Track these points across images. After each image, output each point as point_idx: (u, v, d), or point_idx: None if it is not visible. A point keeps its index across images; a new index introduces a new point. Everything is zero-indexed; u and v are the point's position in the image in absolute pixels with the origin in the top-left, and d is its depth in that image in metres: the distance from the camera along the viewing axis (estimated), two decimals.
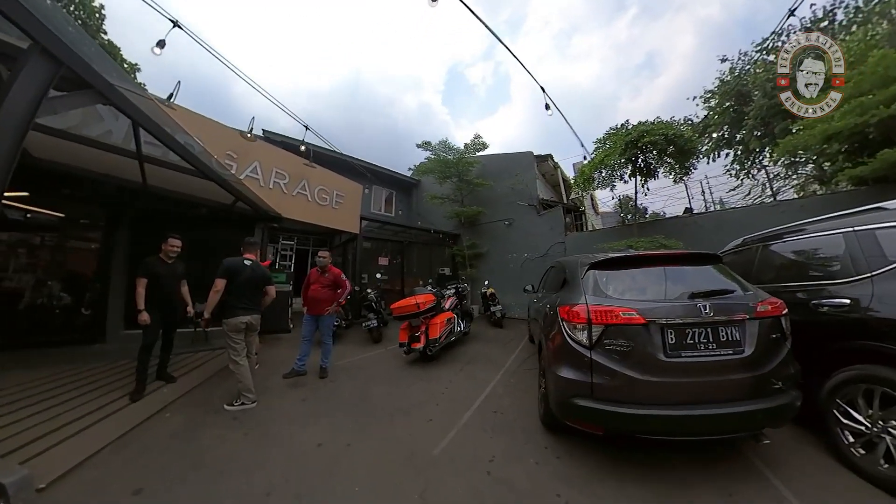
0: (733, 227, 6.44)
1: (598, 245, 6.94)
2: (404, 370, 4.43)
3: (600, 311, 2.16)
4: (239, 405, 3.07)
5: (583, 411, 2.07)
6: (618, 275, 2.46)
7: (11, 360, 3.86)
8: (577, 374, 2.14)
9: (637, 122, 6.71)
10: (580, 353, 2.15)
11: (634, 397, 2.00)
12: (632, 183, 7.33)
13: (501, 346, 5.86)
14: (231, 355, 3.12)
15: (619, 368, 2.03)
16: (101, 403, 2.99)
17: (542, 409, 2.70)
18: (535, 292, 5.37)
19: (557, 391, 2.27)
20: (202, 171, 3.89)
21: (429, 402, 3.30)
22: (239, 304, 3.17)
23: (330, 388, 3.75)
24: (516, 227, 9.20)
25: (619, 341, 2.06)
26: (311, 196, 6.66)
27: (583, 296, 2.32)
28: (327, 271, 4.18)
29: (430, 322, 4.75)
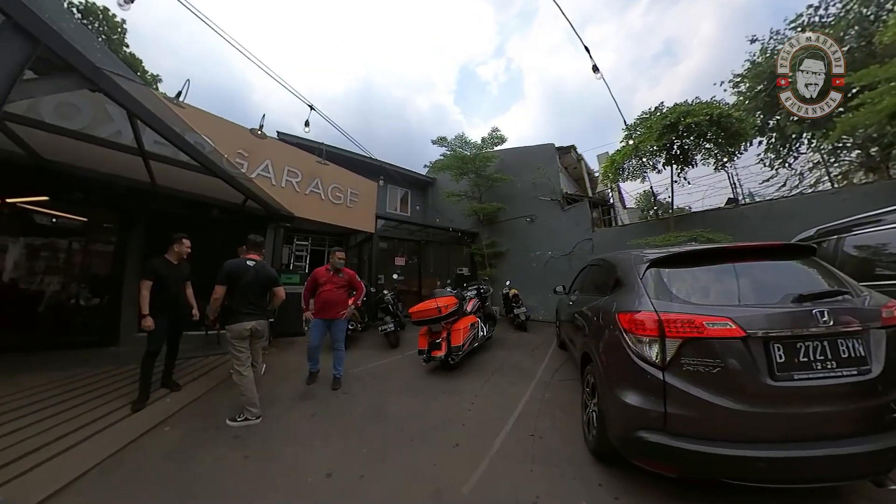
0: (785, 217, 5.73)
1: (631, 241, 6.34)
2: (424, 381, 4.02)
3: (677, 320, 1.68)
4: (242, 420, 2.76)
5: (653, 449, 1.63)
6: (690, 273, 1.99)
7: (26, 362, 3.79)
8: (644, 401, 1.70)
9: (673, 104, 6.05)
10: (649, 373, 1.70)
11: (726, 433, 1.55)
12: (658, 175, 6.71)
13: (528, 352, 5.34)
14: (234, 364, 2.82)
15: (705, 395, 1.57)
16: (101, 413, 2.77)
17: (594, 437, 2.19)
18: (568, 293, 4.86)
19: (619, 421, 1.84)
20: (207, 166, 3.65)
21: (453, 422, 2.86)
22: (243, 308, 2.86)
23: (343, 401, 3.38)
24: (538, 223, 8.64)
25: (704, 360, 1.60)
26: (324, 194, 6.40)
27: (647, 300, 1.87)
28: (341, 271, 3.85)
29: (453, 328, 4.32)
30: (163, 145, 4.08)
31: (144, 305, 2.95)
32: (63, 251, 5.04)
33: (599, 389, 2.12)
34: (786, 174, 10.10)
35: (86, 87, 2.34)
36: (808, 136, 8.87)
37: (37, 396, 2.95)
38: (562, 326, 5.03)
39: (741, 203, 7.32)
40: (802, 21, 9.24)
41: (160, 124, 2.88)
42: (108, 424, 2.62)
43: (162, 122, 2.93)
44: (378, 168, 9.16)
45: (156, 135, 3.97)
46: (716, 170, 7.09)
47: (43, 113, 3.59)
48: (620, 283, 2.35)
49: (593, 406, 2.27)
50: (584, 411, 2.53)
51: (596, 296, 2.96)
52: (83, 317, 4.88)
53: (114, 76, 2.50)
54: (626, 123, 5.86)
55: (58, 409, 2.78)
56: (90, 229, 5.20)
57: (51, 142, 3.80)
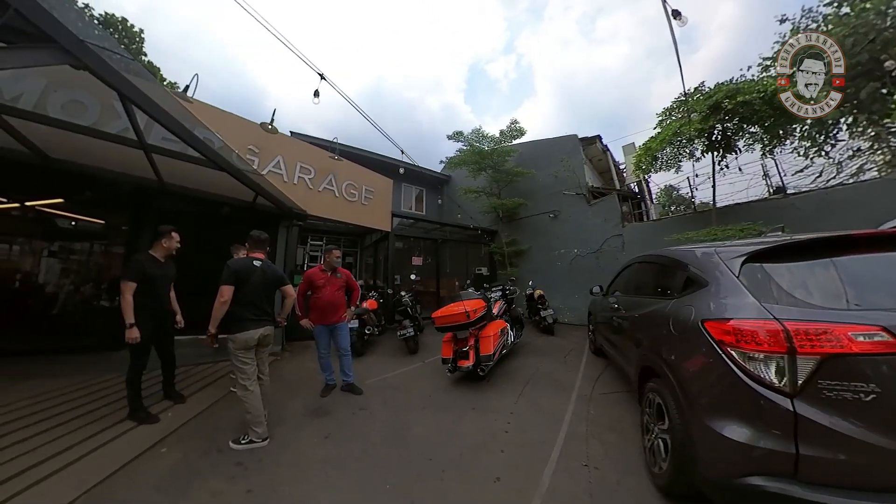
0: (845, 207, 5.02)
1: (671, 237, 5.71)
2: (449, 394, 3.55)
3: (809, 329, 1.26)
4: (246, 443, 2.39)
5: (777, 502, 1.23)
6: (807, 269, 1.54)
7: (33, 367, 3.61)
8: (760, 438, 1.30)
9: (716, 84, 5.43)
10: (769, 401, 1.29)
11: (886, 481, 1.15)
12: (692, 164, 6.04)
13: (560, 359, 4.81)
14: (239, 378, 2.45)
15: (856, 432, 1.16)
16: (96, 429, 2.47)
17: (666, 472, 1.75)
18: (605, 295, 4.36)
19: (717, 461, 1.44)
20: (213, 160, 3.34)
21: (489, 448, 2.41)
22: (249, 314, 2.49)
23: (360, 419, 2.96)
24: (562, 219, 8.06)
25: (852, 383, 1.18)
26: (338, 191, 6.07)
27: (755, 303, 1.46)
28: (338, 271, 3.50)
29: (481, 334, 3.83)
30: (172, 141, 3.84)
31: (129, 312, 2.48)
32: (75, 253, 4.88)
33: (677, 416, 1.68)
34: (822, 163, 9.12)
35: (67, 62, 2.03)
36: (849, 122, 7.93)
37: (31, 409, 2.69)
38: (598, 331, 4.57)
39: (789, 193, 6.56)
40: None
41: (157, 110, 2.57)
42: (101, 444, 2.31)
43: (159, 107, 2.61)
44: (393, 166, 8.80)
45: (165, 131, 3.77)
46: (762, 156, 6.39)
47: (49, 111, 3.39)
48: (696, 283, 1.92)
49: (660, 432, 1.87)
50: (645, 436, 2.11)
51: (651, 298, 2.61)
52: (93, 320, 4.69)
53: (101, 51, 2.18)
54: (684, 93, 5.18)
55: (50, 423, 2.50)
56: (99, 230, 5.03)
57: (56, 139, 3.59)
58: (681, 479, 1.66)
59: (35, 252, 4.66)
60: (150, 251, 2.83)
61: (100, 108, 3.66)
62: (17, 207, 4.46)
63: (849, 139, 8.16)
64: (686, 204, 15.60)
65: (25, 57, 1.92)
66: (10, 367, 3.53)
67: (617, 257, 7.00)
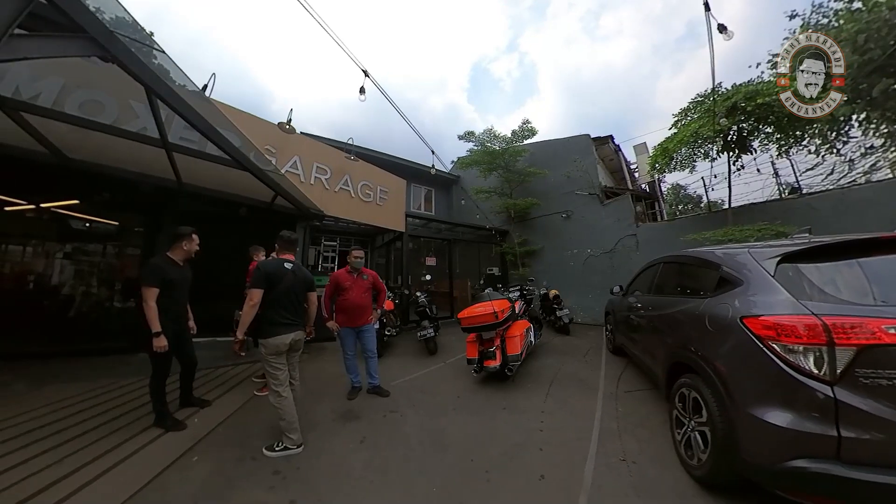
0: (862, 207, 4.90)
1: (687, 237, 5.59)
2: (477, 395, 3.45)
3: (846, 323, 1.37)
4: (281, 450, 2.26)
5: (822, 482, 1.31)
6: (836, 268, 1.64)
7: (46, 371, 3.46)
8: (804, 423, 1.38)
9: (733, 85, 5.34)
10: (811, 389, 1.38)
11: None
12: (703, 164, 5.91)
13: (580, 359, 4.73)
14: (271, 385, 2.32)
15: (891, 415, 1.25)
16: (123, 436, 2.34)
17: (706, 463, 1.81)
18: (625, 294, 4.33)
19: (763, 448, 1.50)
20: (237, 159, 3.21)
21: (528, 447, 2.37)
22: (280, 318, 2.35)
23: (392, 422, 2.85)
24: (575, 219, 7.93)
25: (887, 371, 1.28)
26: (354, 192, 5.96)
27: (792, 300, 1.57)
28: (364, 272, 3.40)
29: (507, 334, 3.73)
30: (188, 140, 3.73)
31: (155, 321, 2.32)
32: (88, 255, 4.76)
33: (716, 408, 1.76)
34: (833, 161, 8.96)
35: (96, 53, 1.91)
36: (861, 118, 7.78)
37: (53, 416, 2.56)
38: (618, 330, 4.51)
39: (805, 193, 6.44)
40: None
41: (184, 107, 2.44)
42: (130, 453, 2.18)
43: (187, 104, 2.49)
44: (404, 167, 8.68)
45: (180, 129, 3.65)
46: (778, 156, 6.28)
47: (67, 111, 3.28)
48: (730, 283, 1.98)
49: (697, 425, 1.94)
50: (677, 430, 2.16)
51: (680, 297, 2.64)
52: (108, 322, 4.57)
53: (131, 42, 2.06)
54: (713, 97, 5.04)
55: (74, 431, 2.37)
56: (118, 232, 4.91)
57: (74, 139, 3.48)
58: (723, 468, 1.70)
59: (49, 254, 4.54)
60: (169, 253, 2.64)
61: (118, 108, 3.56)
62: (33, 209, 4.34)
63: (861, 136, 8.02)
64: (694, 203, 15.52)
65: (52, 46, 1.80)
66: (26, 372, 3.40)
67: (631, 257, 6.88)
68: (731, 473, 1.68)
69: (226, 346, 4.45)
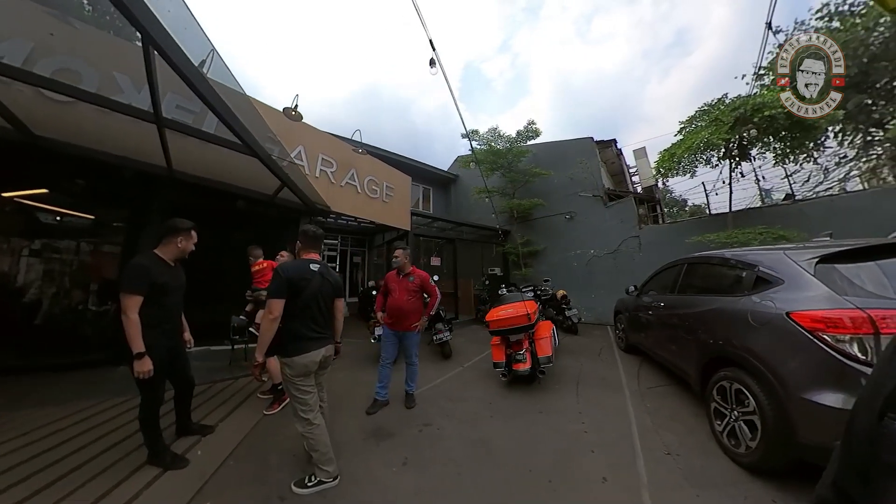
0: (850, 214, 5.09)
1: (691, 238, 5.57)
2: (507, 399, 3.19)
3: (886, 315, 1.53)
4: (314, 485, 1.83)
5: None
6: (867, 268, 1.80)
7: (13, 391, 2.79)
8: None
9: (737, 97, 5.40)
10: (860, 372, 1.52)
11: None
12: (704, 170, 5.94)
13: (595, 358, 4.59)
14: (299, 411, 1.85)
15: None
16: (112, 480, 1.79)
17: (757, 450, 1.88)
18: (640, 294, 4.32)
19: (819, 428, 1.61)
20: (248, 143, 2.71)
21: (577, 449, 2.28)
22: (308, 331, 1.88)
23: (430, 436, 2.49)
24: (578, 220, 7.78)
25: None
26: (360, 187, 5.48)
27: (834, 295, 1.72)
28: (411, 274, 3.02)
29: (537, 336, 3.49)
30: (184, 110, 3.17)
31: (137, 337, 1.74)
32: (60, 254, 4.02)
33: (764, 396, 1.86)
34: (810, 169, 9.42)
35: None
36: (836, 130, 8.20)
37: (18, 455, 1.94)
38: (633, 329, 4.47)
39: (797, 199, 6.61)
40: (829, 10, 8.57)
41: (189, 67, 1.93)
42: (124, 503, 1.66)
43: (191, 64, 1.99)
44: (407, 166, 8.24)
45: (171, 108, 3.09)
46: (775, 164, 6.39)
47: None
48: (768, 282, 2.11)
49: (742, 415, 2.02)
50: (717, 422, 2.24)
51: (712, 296, 2.68)
52: (88, 330, 3.86)
53: None
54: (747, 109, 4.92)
55: (47, 476, 1.78)
56: (94, 227, 4.20)
57: (44, 112, 2.85)
58: (776, 452, 1.79)
59: (14, 251, 3.77)
60: (157, 251, 2.04)
61: (98, 80, 2.96)
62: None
63: (836, 146, 8.41)
64: (679, 206, 16.03)
65: None
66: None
67: (634, 258, 6.81)
68: (784, 457, 1.77)
69: (221, 356, 3.89)
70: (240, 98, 3.33)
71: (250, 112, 3.28)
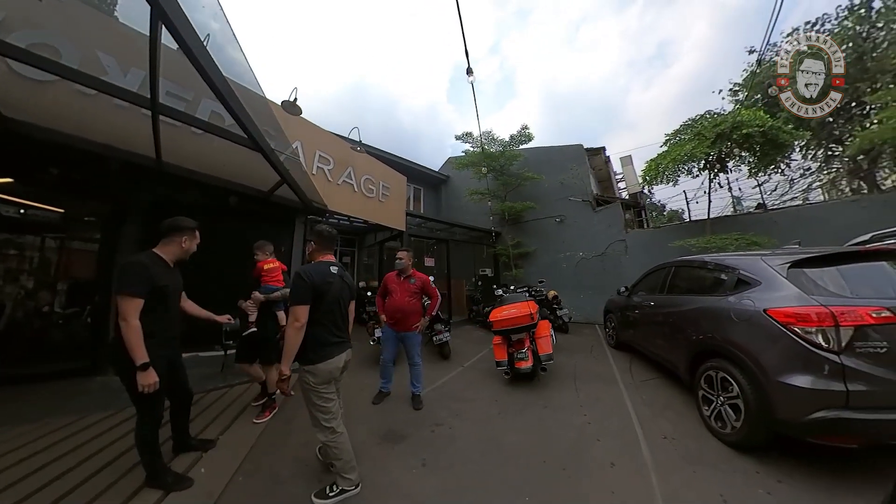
0: (813, 223, 5.56)
1: (674, 243, 5.87)
2: (512, 396, 3.26)
3: (845, 311, 1.81)
4: (336, 494, 1.75)
5: (838, 425, 1.72)
6: (828, 272, 2.10)
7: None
8: (822, 384, 1.78)
9: (717, 114, 5.75)
10: (825, 358, 1.79)
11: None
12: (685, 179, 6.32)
13: (588, 355, 4.78)
14: (321, 420, 1.75)
15: (878, 371, 1.72)
16: None
17: (740, 430, 2.14)
18: (630, 294, 4.52)
19: (792, 406, 1.87)
20: (253, 135, 2.55)
21: (585, 439, 2.40)
22: (330, 336, 1.79)
23: (443, 436, 2.48)
24: (568, 224, 8.00)
25: (872, 342, 1.75)
26: (356, 186, 5.34)
27: (803, 295, 1.99)
28: (412, 276, 3.03)
29: (538, 335, 3.59)
30: (175, 96, 2.95)
31: (140, 346, 1.57)
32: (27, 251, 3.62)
33: (747, 381, 2.11)
34: (777, 180, 10.25)
35: None
36: (802, 144, 9.01)
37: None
38: (623, 327, 4.70)
39: (769, 209, 7.13)
40: (798, 35, 9.37)
41: (196, 43, 1.78)
42: None
43: (204, 49, 1.85)
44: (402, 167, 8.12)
45: (162, 94, 2.87)
46: (749, 175, 6.86)
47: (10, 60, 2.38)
48: (747, 283, 2.36)
49: (727, 400, 2.26)
50: (705, 408, 2.48)
51: (697, 296, 2.93)
52: (58, 336, 3.50)
53: None
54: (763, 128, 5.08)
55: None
56: (70, 222, 3.82)
57: (16, 90, 2.56)
58: (758, 430, 2.03)
59: None
60: (157, 251, 1.86)
61: (80, 58, 2.69)
62: None
63: (801, 160, 9.17)
64: (658, 211, 16.88)
65: None
66: None
67: (620, 261, 7.07)
68: (765, 433, 2.02)
69: (212, 362, 3.65)
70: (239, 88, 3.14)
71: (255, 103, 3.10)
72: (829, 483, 1.78)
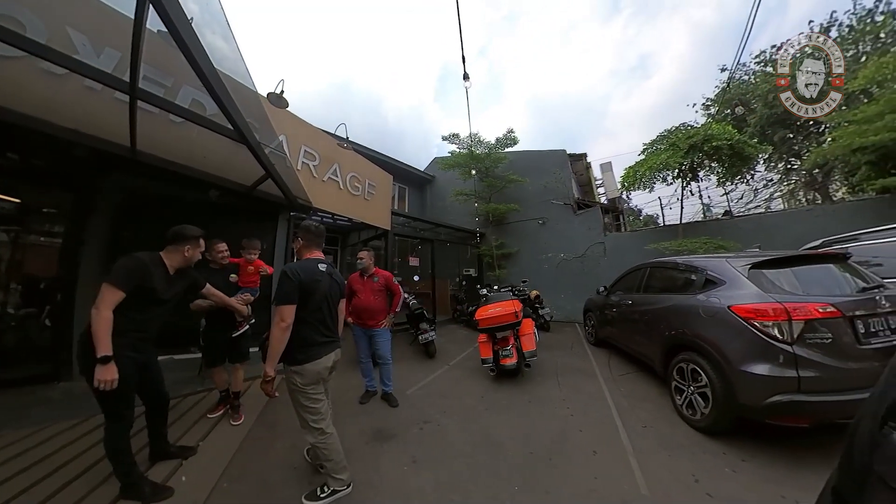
0: (773, 229, 6.05)
1: (649, 245, 6.18)
2: (498, 392, 3.34)
3: (797, 307, 2.02)
4: (328, 495, 1.73)
5: (792, 407, 1.93)
6: (782, 273, 2.33)
7: None
8: (778, 371, 1.98)
9: (690, 126, 6.12)
10: (780, 349, 2.00)
11: (839, 386, 1.92)
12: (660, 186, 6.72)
13: (569, 351, 4.96)
14: (310, 421, 1.73)
15: (825, 360, 1.94)
16: None
17: (708, 416, 2.35)
18: (609, 294, 4.70)
19: (752, 391, 2.08)
20: (240, 127, 2.45)
21: (570, 431, 2.52)
22: (318, 336, 1.75)
23: (432, 433, 2.51)
24: (549, 226, 8.23)
25: (820, 334, 1.97)
26: (342, 183, 5.24)
27: (763, 294, 2.20)
28: (375, 275, 3.08)
29: (521, 332, 3.68)
30: (152, 81, 2.76)
31: (105, 338, 1.47)
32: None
33: (713, 371, 2.30)
34: (743, 189, 11.08)
35: None
36: (764, 157, 9.79)
37: None
38: (602, 325, 4.88)
39: (735, 216, 7.66)
40: (765, 57, 10.15)
41: (192, 37, 1.70)
42: None
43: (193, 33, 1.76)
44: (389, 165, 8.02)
45: (144, 73, 2.69)
46: (718, 184, 7.34)
47: None
48: (714, 282, 2.57)
49: (696, 389, 2.45)
50: (677, 397, 2.66)
51: (671, 294, 3.10)
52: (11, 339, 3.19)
53: None
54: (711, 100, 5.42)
55: None
56: (29, 214, 3.50)
57: None
58: (724, 415, 2.23)
59: None
60: (163, 255, 1.82)
61: (47, 34, 2.44)
62: None
63: (764, 171, 9.92)
64: (634, 215, 17.68)
65: None
66: None
67: (599, 262, 7.36)
68: (730, 417, 2.22)
69: (188, 365, 3.47)
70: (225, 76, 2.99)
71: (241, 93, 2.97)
72: (787, 461, 1.98)
